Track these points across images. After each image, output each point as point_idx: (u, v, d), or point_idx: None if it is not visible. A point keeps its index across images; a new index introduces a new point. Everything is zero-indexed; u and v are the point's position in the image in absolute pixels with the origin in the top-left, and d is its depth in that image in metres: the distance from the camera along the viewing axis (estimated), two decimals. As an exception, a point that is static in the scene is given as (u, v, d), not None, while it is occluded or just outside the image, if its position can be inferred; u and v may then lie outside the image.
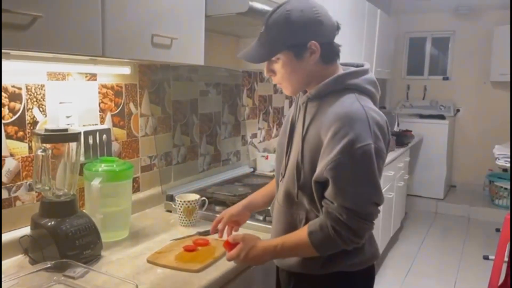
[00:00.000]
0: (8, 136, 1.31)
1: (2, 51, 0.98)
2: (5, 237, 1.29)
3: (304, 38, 1.13)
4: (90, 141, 1.53)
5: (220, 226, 1.38)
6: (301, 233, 1.14)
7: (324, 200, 1.12)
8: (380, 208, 1.14)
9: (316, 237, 1.11)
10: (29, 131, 1.36)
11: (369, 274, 1.27)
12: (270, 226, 1.37)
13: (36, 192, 1.39)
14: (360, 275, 1.23)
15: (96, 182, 1.36)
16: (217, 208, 1.75)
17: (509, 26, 4.58)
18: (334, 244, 1.11)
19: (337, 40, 1.23)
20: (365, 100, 1.14)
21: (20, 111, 1.34)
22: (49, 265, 1.17)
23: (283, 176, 1.25)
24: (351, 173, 1.06)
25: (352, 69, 1.20)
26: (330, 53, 1.18)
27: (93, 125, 1.58)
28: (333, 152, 1.06)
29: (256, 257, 1.18)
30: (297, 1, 1.14)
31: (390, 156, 3.34)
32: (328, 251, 1.15)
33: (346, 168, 1.06)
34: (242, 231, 1.38)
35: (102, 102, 1.61)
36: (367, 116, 1.08)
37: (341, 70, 1.21)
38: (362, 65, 1.25)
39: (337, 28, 1.18)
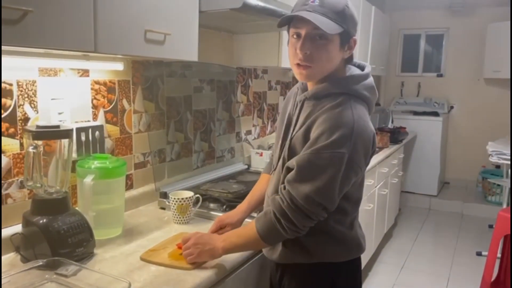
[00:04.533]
0: (-1, 133, 1.29)
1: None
2: (-4, 235, 1.27)
3: (352, 31, 1.16)
4: (83, 138, 1.52)
5: None
6: (251, 223, 1.19)
7: (280, 185, 1.16)
8: (326, 211, 1.12)
9: (259, 222, 1.17)
10: (21, 127, 1.35)
11: (354, 266, 1.29)
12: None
13: (27, 189, 1.37)
14: (345, 266, 1.24)
15: (88, 179, 1.34)
16: (211, 205, 1.75)
17: (503, 23, 4.59)
18: (275, 230, 1.14)
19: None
20: (359, 108, 1.13)
21: (11, 108, 1.32)
22: (41, 263, 1.15)
23: (275, 169, 1.28)
24: (311, 170, 1.09)
25: (356, 72, 1.20)
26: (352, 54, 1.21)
27: (85, 121, 1.56)
28: (310, 149, 1.10)
29: (207, 243, 1.22)
30: None
31: (384, 153, 3.36)
32: (271, 239, 1.17)
33: (310, 164, 1.09)
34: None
35: (95, 98, 1.59)
36: (353, 126, 1.08)
37: (346, 72, 1.22)
38: (363, 66, 1.25)
39: None
